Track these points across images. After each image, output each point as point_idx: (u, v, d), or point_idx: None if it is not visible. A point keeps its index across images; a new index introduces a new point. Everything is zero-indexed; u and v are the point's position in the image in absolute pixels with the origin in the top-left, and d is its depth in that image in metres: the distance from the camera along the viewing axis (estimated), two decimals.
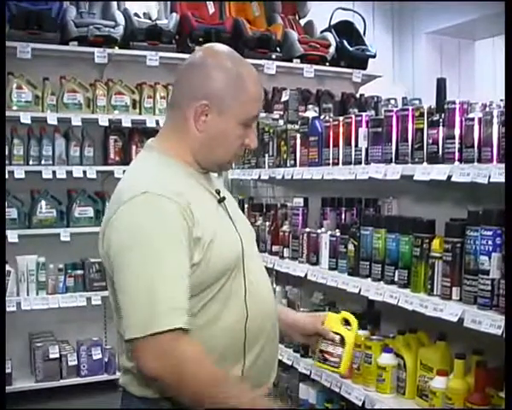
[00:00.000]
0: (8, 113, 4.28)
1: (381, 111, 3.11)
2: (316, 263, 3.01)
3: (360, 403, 2.59)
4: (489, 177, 1.97)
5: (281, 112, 4.76)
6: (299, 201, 3.27)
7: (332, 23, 5.65)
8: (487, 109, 2.10)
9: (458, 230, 2.14)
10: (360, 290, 2.61)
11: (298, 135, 3.24)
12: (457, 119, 2.16)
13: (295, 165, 3.25)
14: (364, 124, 2.68)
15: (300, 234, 3.14)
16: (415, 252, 2.33)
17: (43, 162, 4.55)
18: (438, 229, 2.30)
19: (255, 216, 3.68)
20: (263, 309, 1.75)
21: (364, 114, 2.75)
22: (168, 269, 1.55)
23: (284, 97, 4.63)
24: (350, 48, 5.52)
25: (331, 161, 2.90)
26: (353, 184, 2.79)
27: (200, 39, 4.87)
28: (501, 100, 2.05)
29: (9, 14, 4.35)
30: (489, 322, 1.95)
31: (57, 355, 4.55)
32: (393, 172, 2.42)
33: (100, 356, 4.70)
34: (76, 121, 4.56)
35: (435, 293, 2.23)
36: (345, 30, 5.63)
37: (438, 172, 2.18)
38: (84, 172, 4.59)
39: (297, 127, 3.32)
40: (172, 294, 1.54)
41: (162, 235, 1.56)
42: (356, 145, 2.71)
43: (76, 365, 4.63)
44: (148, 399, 1.63)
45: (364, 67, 5.63)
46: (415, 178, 2.29)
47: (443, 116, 2.22)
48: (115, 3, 4.89)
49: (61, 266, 4.64)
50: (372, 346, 2.60)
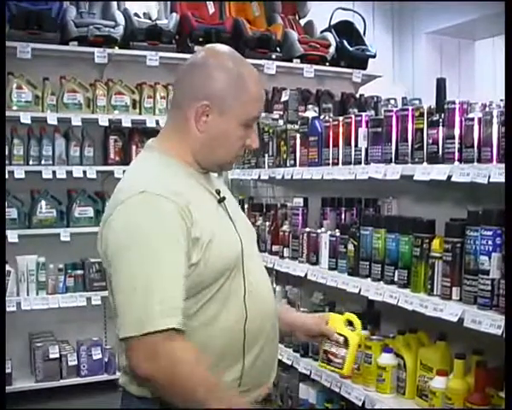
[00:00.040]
0: (8, 113, 4.28)
1: (381, 111, 3.12)
2: (316, 263, 3.01)
3: (360, 403, 2.59)
4: (489, 177, 1.97)
5: (281, 112, 4.76)
6: (298, 201, 3.27)
7: (332, 23, 5.65)
8: (487, 109, 2.10)
9: (458, 230, 2.14)
10: (360, 290, 2.61)
11: (298, 135, 3.24)
12: (457, 119, 2.16)
13: (295, 165, 3.25)
14: (364, 124, 2.68)
15: (300, 234, 3.14)
16: (415, 252, 2.33)
17: (43, 162, 4.55)
18: (438, 229, 2.30)
19: (255, 216, 3.68)
20: (262, 309, 1.74)
21: (364, 114, 2.75)
22: (164, 269, 1.54)
23: (284, 97, 4.63)
24: (350, 48, 5.52)
25: (331, 161, 2.90)
26: (353, 184, 2.79)
27: (200, 39, 4.87)
28: (501, 100, 2.05)
29: (9, 14, 4.35)
30: (489, 322, 1.95)
31: (57, 355, 4.55)
32: (393, 172, 2.42)
33: (100, 356, 4.70)
34: (76, 121, 4.56)
35: (435, 293, 2.23)
36: (345, 30, 5.62)
37: (438, 172, 2.18)
38: (84, 172, 4.59)
39: (297, 127, 3.32)
40: (167, 294, 1.53)
41: (159, 234, 1.56)
42: (356, 145, 2.71)
43: (76, 365, 4.63)
44: (148, 399, 1.63)
45: (364, 67, 5.63)
46: (415, 178, 2.29)
47: (443, 116, 2.22)
48: (115, 3, 4.89)
49: (61, 266, 4.64)
50: (372, 346, 2.60)
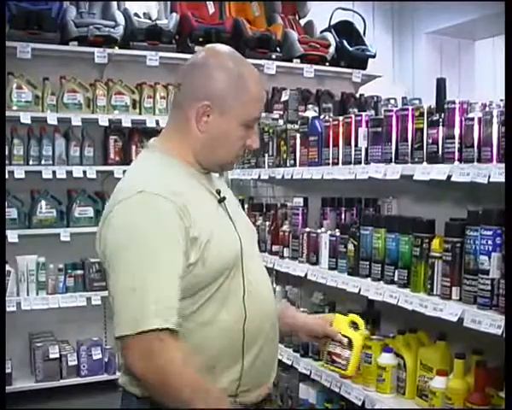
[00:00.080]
0: (8, 113, 4.28)
1: (381, 111, 3.12)
2: (316, 263, 3.01)
3: (360, 403, 2.58)
4: (489, 177, 1.97)
5: (281, 112, 4.77)
6: (298, 200, 3.27)
7: (332, 23, 5.65)
8: (487, 109, 2.10)
9: (458, 230, 2.13)
10: (360, 290, 2.61)
11: (298, 135, 3.24)
12: (457, 118, 2.15)
13: (295, 165, 3.25)
14: (364, 124, 2.68)
15: (300, 234, 3.14)
16: (414, 252, 2.33)
17: (43, 162, 4.55)
18: (437, 229, 2.30)
19: (255, 216, 3.68)
20: (262, 309, 1.74)
21: (364, 114, 2.75)
22: (161, 269, 1.55)
23: (284, 97, 4.64)
24: (350, 48, 5.52)
25: (331, 161, 2.90)
26: (353, 184, 2.79)
27: (200, 39, 4.87)
28: (501, 100, 2.05)
29: (9, 14, 4.35)
30: (489, 322, 1.95)
31: (57, 355, 4.55)
32: (393, 171, 2.42)
33: (100, 356, 4.70)
34: (76, 121, 4.56)
35: (435, 293, 2.23)
36: (345, 30, 5.62)
37: (437, 171, 2.18)
38: (84, 172, 4.59)
39: (297, 127, 3.32)
40: (163, 294, 1.54)
41: (157, 234, 1.56)
42: (356, 145, 2.71)
43: (76, 365, 4.63)
44: (148, 399, 1.63)
45: (364, 67, 5.63)
46: (414, 177, 2.29)
47: (443, 116, 2.22)
48: (115, 3, 4.89)
49: (61, 266, 4.64)
50: (372, 346, 2.59)
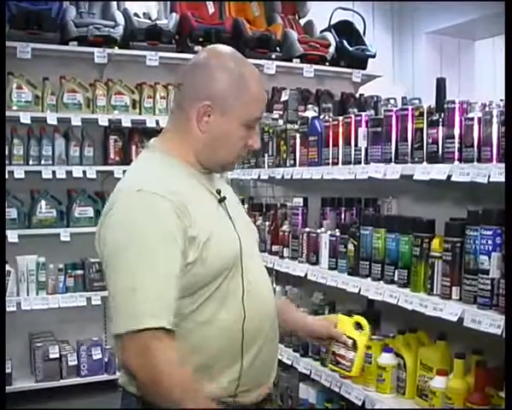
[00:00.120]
0: (8, 113, 4.28)
1: (381, 111, 3.12)
2: (315, 263, 3.01)
3: (360, 403, 2.58)
4: (489, 176, 1.97)
5: (280, 112, 4.76)
6: (298, 200, 3.27)
7: (332, 23, 5.65)
8: (487, 109, 2.10)
9: (458, 229, 2.13)
10: (360, 290, 2.61)
11: (297, 135, 3.24)
12: (457, 118, 2.15)
13: (295, 165, 3.25)
14: (364, 124, 2.68)
15: (300, 234, 3.14)
16: (414, 252, 2.33)
17: (42, 162, 4.55)
18: (437, 229, 2.30)
19: (255, 216, 3.68)
20: (261, 309, 1.74)
21: (364, 114, 2.75)
22: (158, 268, 1.55)
23: (284, 97, 4.63)
24: (350, 48, 5.52)
25: (331, 161, 2.90)
26: (353, 184, 2.79)
27: (199, 39, 4.87)
28: (501, 100, 2.05)
29: (9, 14, 4.35)
30: (489, 322, 1.95)
31: (57, 355, 4.55)
32: (393, 171, 2.42)
33: (100, 356, 4.70)
34: (76, 121, 4.56)
35: (435, 293, 2.23)
36: (344, 30, 5.62)
37: (437, 171, 2.18)
38: (84, 172, 4.59)
39: (296, 127, 3.32)
40: (159, 293, 1.54)
41: (154, 233, 1.56)
42: (355, 145, 2.71)
43: (76, 365, 4.63)
44: (148, 398, 1.63)
45: (364, 67, 5.63)
46: (414, 177, 2.29)
47: (442, 116, 2.22)
48: (115, 3, 4.89)
49: (61, 266, 4.64)
50: (372, 346, 2.59)
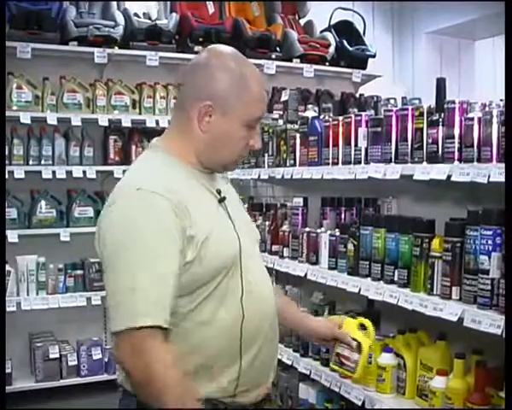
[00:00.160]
0: (8, 113, 4.28)
1: (381, 111, 3.12)
2: (315, 263, 3.01)
3: (360, 403, 2.58)
4: (488, 176, 1.97)
5: (280, 112, 4.76)
6: (298, 200, 3.27)
7: (332, 23, 5.65)
8: (487, 109, 2.10)
9: (458, 229, 2.14)
10: (360, 290, 2.61)
11: (297, 135, 3.24)
12: (457, 118, 2.16)
13: (295, 164, 3.25)
14: (364, 123, 2.68)
15: (300, 234, 3.14)
16: (414, 252, 2.33)
17: (42, 162, 4.55)
18: (437, 228, 2.30)
19: (255, 216, 3.68)
20: (261, 309, 1.74)
21: (364, 114, 2.75)
22: (156, 267, 1.55)
23: (284, 97, 4.63)
24: (350, 48, 5.52)
25: (331, 161, 2.90)
26: (353, 184, 2.79)
27: (199, 39, 4.87)
28: (501, 100, 2.05)
29: (9, 14, 4.35)
30: (489, 322, 1.95)
31: (57, 355, 4.55)
32: (393, 171, 2.42)
33: (100, 356, 4.70)
34: (76, 121, 4.55)
35: (435, 292, 2.23)
36: (344, 30, 5.62)
37: (437, 171, 2.18)
38: (84, 172, 4.59)
39: (296, 127, 3.32)
40: (158, 293, 1.54)
41: (152, 231, 1.57)
42: (355, 145, 2.71)
43: (76, 365, 4.63)
44: (141, 398, 1.62)
45: (364, 67, 5.63)
46: (414, 177, 2.29)
47: (442, 116, 2.22)
48: (115, 3, 4.88)
49: (61, 266, 4.64)
50: (372, 346, 2.59)
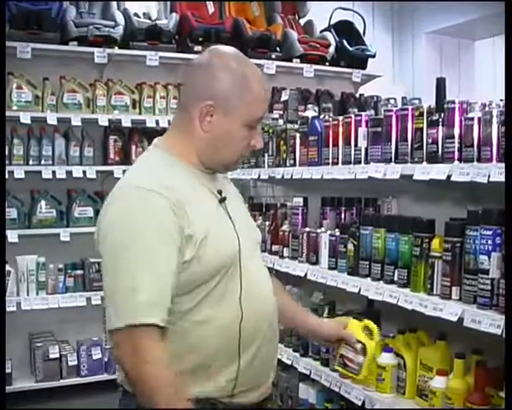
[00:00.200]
0: (8, 113, 4.28)
1: (381, 111, 3.12)
2: (315, 263, 3.01)
3: (360, 403, 2.58)
4: (488, 176, 1.97)
5: (280, 111, 4.75)
6: (298, 200, 3.27)
7: (332, 23, 5.64)
8: (487, 109, 2.10)
9: (458, 229, 2.14)
10: (360, 290, 2.61)
11: (297, 134, 3.24)
12: (457, 118, 2.16)
13: (295, 164, 3.25)
14: (364, 123, 2.68)
15: (300, 234, 3.14)
16: (414, 251, 2.33)
17: (42, 162, 4.55)
18: (437, 228, 2.30)
19: (255, 216, 3.67)
20: (260, 309, 1.74)
21: (364, 114, 2.75)
22: (154, 265, 1.56)
23: (284, 97, 4.63)
24: (350, 48, 5.52)
25: (331, 161, 2.90)
26: (353, 184, 2.79)
27: (199, 39, 4.87)
28: (501, 100, 2.05)
29: (9, 14, 4.35)
30: (489, 322, 1.95)
31: (57, 355, 4.54)
32: (393, 171, 2.42)
33: (100, 356, 4.70)
34: (76, 121, 4.55)
35: (435, 292, 2.23)
36: (344, 30, 5.62)
37: (437, 171, 2.18)
38: (84, 172, 4.59)
39: (296, 127, 3.32)
40: (157, 292, 1.55)
41: (150, 230, 1.57)
42: (355, 145, 2.71)
43: (76, 365, 4.63)
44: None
45: (364, 67, 5.63)
46: (414, 177, 2.29)
47: (442, 116, 2.22)
48: (115, 3, 4.88)
49: (61, 266, 4.64)
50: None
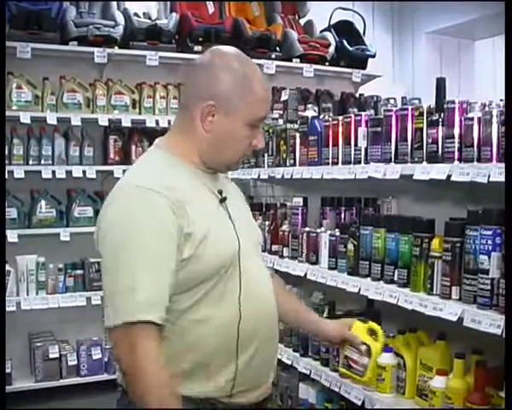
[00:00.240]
0: (8, 113, 4.28)
1: (381, 111, 3.12)
2: (315, 262, 3.01)
3: (360, 403, 2.58)
4: (488, 176, 1.97)
5: (280, 111, 4.75)
6: (298, 200, 3.27)
7: (332, 23, 5.65)
8: (487, 109, 2.10)
9: (458, 229, 2.13)
10: (360, 290, 2.61)
11: (297, 134, 3.24)
12: (457, 118, 2.15)
13: (295, 164, 3.25)
14: (364, 123, 2.68)
15: (300, 233, 3.14)
16: (414, 251, 2.33)
17: (42, 162, 4.55)
18: (437, 228, 2.30)
19: (255, 216, 3.65)
20: (259, 310, 1.74)
21: (364, 114, 2.75)
22: (152, 264, 1.56)
23: (284, 97, 4.62)
24: (349, 47, 5.52)
25: (330, 161, 2.90)
26: (353, 184, 2.79)
27: (199, 39, 4.87)
28: (500, 100, 2.05)
29: (9, 14, 4.35)
30: (488, 321, 1.95)
31: (57, 355, 4.55)
32: (393, 171, 2.42)
33: (100, 356, 4.71)
34: (76, 121, 4.56)
35: (435, 292, 2.23)
36: (344, 30, 5.62)
37: (437, 171, 2.18)
38: (84, 171, 4.59)
39: (296, 127, 3.32)
40: (155, 291, 1.55)
41: (149, 229, 1.57)
42: (355, 145, 2.71)
43: (76, 364, 4.63)
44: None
45: (364, 67, 5.63)
46: (414, 177, 2.29)
47: (442, 116, 2.22)
48: (115, 3, 4.88)
49: (61, 266, 4.64)
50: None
